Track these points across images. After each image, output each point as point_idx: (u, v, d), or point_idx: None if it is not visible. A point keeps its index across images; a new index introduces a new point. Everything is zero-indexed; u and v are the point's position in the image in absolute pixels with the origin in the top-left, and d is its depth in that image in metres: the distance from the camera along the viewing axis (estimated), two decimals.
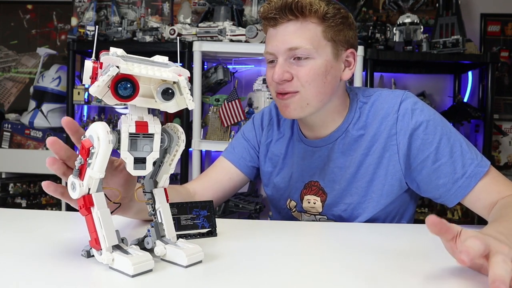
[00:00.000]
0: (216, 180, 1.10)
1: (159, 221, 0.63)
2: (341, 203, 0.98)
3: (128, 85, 0.53)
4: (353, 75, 1.08)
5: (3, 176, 2.51)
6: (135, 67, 0.54)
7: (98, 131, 0.55)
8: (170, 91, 0.55)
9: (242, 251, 0.70)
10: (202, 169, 2.19)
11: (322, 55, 0.91)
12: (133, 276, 0.55)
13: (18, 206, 2.51)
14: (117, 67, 0.52)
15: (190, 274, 0.58)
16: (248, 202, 2.24)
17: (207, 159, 2.53)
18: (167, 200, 0.65)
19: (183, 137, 0.62)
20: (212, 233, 0.77)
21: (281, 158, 1.09)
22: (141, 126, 0.57)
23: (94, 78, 0.55)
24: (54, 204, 2.61)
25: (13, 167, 2.48)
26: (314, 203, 1.01)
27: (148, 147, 0.58)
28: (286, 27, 0.90)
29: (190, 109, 0.58)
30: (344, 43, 0.94)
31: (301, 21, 0.90)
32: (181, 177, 2.23)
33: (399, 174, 0.94)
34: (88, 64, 0.55)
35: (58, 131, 2.53)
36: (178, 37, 0.82)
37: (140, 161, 0.58)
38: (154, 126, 0.58)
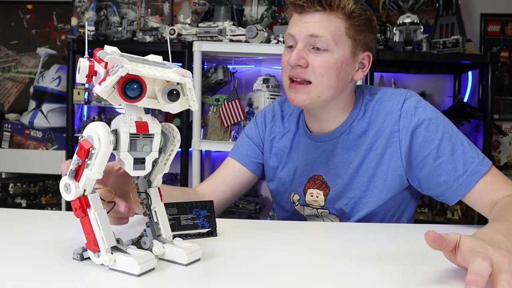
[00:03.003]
0: (223, 180, 1.11)
1: (155, 220, 0.63)
2: (343, 197, 0.99)
3: (135, 86, 0.53)
4: None
5: (3, 176, 2.51)
6: (140, 67, 0.54)
7: (99, 132, 0.54)
8: (175, 92, 0.55)
9: (242, 251, 0.70)
10: (202, 169, 2.19)
11: (341, 50, 0.93)
12: (139, 275, 0.55)
13: (18, 206, 2.51)
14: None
15: (191, 273, 0.58)
16: (248, 202, 2.24)
17: (207, 159, 2.53)
18: (161, 199, 0.65)
19: (178, 136, 0.62)
20: (212, 233, 0.77)
21: (286, 152, 1.10)
22: (142, 126, 0.56)
23: (90, 76, 0.55)
24: (54, 204, 2.61)
25: (13, 167, 2.48)
26: (317, 197, 1.02)
27: (148, 147, 0.58)
28: (312, 16, 0.92)
29: (193, 110, 0.58)
30: (363, 44, 0.96)
31: (327, 14, 0.91)
32: (181, 177, 2.22)
33: (401, 170, 0.95)
34: (85, 63, 0.54)
35: (58, 131, 2.53)
36: (168, 37, 0.81)
37: (139, 162, 0.58)
38: (154, 126, 0.58)
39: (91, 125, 0.55)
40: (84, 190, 0.56)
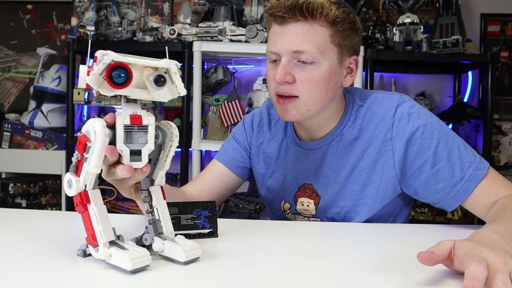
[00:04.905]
0: (208, 182, 1.10)
1: (157, 218, 0.64)
2: (334, 206, 0.97)
3: (122, 73, 0.55)
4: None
5: (3, 176, 2.51)
6: (127, 57, 0.57)
7: (95, 126, 0.57)
8: (162, 78, 0.57)
9: (242, 251, 0.70)
10: (202, 169, 2.19)
11: (327, 60, 0.89)
12: (131, 271, 0.55)
13: (18, 206, 2.51)
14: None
15: (190, 273, 0.58)
16: (248, 202, 2.24)
17: (207, 159, 2.53)
18: (164, 198, 0.66)
19: (176, 132, 0.64)
20: (213, 233, 0.77)
21: (274, 159, 1.08)
22: (136, 118, 0.59)
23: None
24: (54, 204, 2.61)
25: (13, 167, 2.48)
26: (308, 206, 1.00)
27: (143, 139, 0.60)
28: (294, 28, 0.87)
29: (182, 94, 0.59)
30: (349, 49, 0.92)
31: (310, 23, 0.87)
32: (181, 177, 2.23)
33: (394, 179, 0.92)
34: (83, 69, 0.57)
35: (58, 131, 2.53)
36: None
37: (136, 154, 0.60)
38: (148, 118, 0.60)
39: (89, 121, 0.58)
40: (85, 186, 0.58)
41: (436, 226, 0.97)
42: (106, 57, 0.54)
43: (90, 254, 0.60)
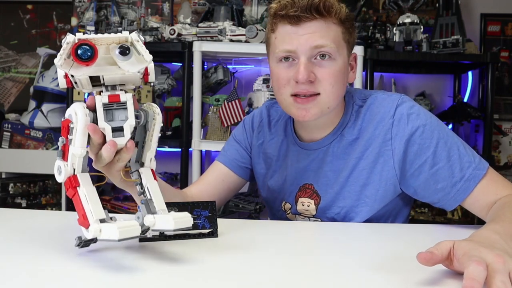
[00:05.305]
0: (209, 183, 1.10)
1: (149, 197, 0.65)
2: (334, 206, 0.97)
3: (86, 48, 0.58)
4: None
5: (3, 176, 2.51)
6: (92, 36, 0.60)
7: (75, 108, 0.60)
8: (127, 50, 0.59)
9: (242, 251, 0.70)
10: (202, 169, 2.19)
11: (342, 56, 0.92)
12: (119, 240, 0.54)
13: (18, 206, 2.50)
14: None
15: (190, 273, 0.58)
16: (248, 202, 2.24)
17: (207, 159, 2.53)
18: (155, 178, 0.67)
19: (158, 110, 0.66)
20: (213, 233, 0.77)
21: (274, 160, 1.08)
22: (113, 96, 0.62)
23: (68, 77, 0.61)
24: (54, 204, 2.61)
25: (13, 167, 2.48)
26: (308, 206, 1.00)
27: (123, 115, 0.62)
28: (310, 26, 0.89)
29: (147, 59, 0.61)
30: (352, 45, 0.96)
31: (324, 21, 0.89)
32: (181, 177, 2.22)
33: (394, 179, 0.93)
34: (61, 72, 0.60)
35: (58, 131, 2.52)
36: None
37: (118, 131, 0.62)
38: (125, 95, 0.62)
39: (70, 107, 0.61)
40: (74, 170, 0.60)
41: (436, 226, 0.97)
42: (69, 37, 0.57)
43: (86, 243, 0.61)
